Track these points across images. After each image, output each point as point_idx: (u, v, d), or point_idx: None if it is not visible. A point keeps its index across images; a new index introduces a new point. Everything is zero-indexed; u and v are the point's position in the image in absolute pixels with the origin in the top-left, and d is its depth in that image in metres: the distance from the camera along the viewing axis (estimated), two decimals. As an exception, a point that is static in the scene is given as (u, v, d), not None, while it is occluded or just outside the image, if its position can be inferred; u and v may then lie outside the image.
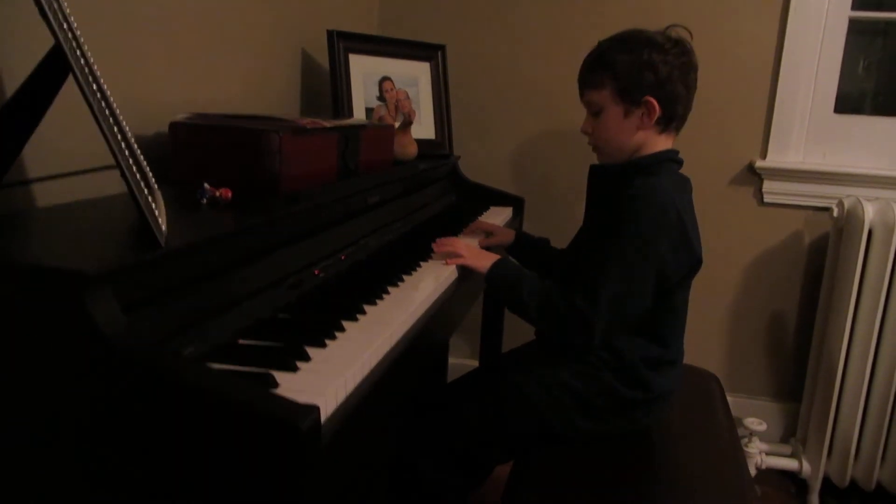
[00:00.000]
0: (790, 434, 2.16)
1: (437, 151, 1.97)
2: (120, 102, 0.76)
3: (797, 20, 1.96)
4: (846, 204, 1.89)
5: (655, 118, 1.22)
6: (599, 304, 1.13)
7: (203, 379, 0.62)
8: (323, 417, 0.69)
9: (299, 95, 1.82)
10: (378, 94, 1.85)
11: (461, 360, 2.31)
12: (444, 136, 2.01)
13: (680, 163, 1.28)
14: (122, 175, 0.69)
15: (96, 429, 0.64)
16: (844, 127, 2.03)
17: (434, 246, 1.34)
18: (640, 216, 1.15)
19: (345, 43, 1.76)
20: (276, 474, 0.61)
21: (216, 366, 0.75)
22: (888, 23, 2.07)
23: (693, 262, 1.21)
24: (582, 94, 1.30)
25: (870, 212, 1.82)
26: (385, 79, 1.87)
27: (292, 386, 0.73)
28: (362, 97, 1.81)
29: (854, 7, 1.95)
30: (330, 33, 1.74)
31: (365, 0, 2.16)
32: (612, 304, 1.14)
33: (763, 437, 2.06)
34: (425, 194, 1.74)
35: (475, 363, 2.18)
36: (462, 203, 1.95)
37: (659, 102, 1.21)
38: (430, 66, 1.99)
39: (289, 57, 1.76)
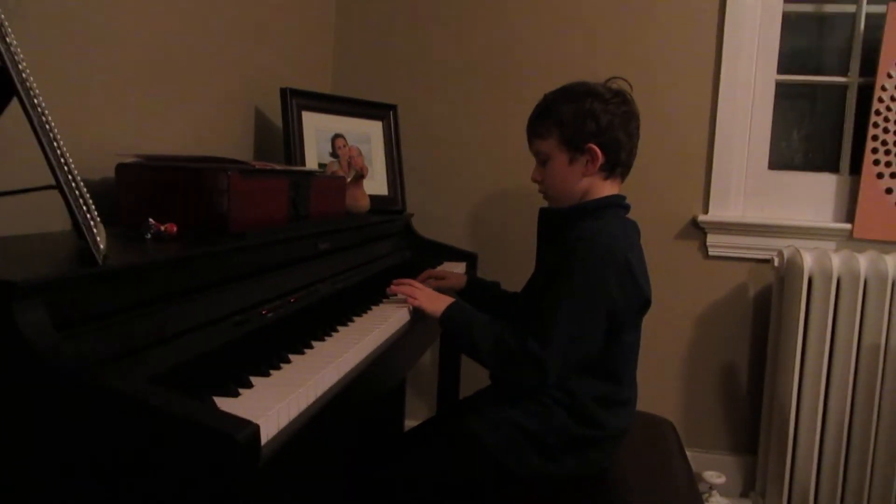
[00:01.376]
0: (750, 487, 2.15)
1: (389, 207, 1.99)
2: (67, 148, 0.76)
3: (728, 83, 2.08)
4: (786, 254, 1.96)
5: (599, 164, 1.27)
6: (551, 344, 1.14)
7: (136, 392, 0.60)
8: (263, 439, 0.66)
9: (252, 152, 1.83)
10: (331, 150, 1.88)
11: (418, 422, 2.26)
12: (396, 193, 2.04)
13: (626, 208, 1.33)
14: (60, 190, 0.68)
15: (28, 443, 0.60)
16: (779, 182, 2.13)
17: (391, 288, 1.34)
18: (586, 257, 1.17)
19: (298, 100, 1.80)
20: (213, 490, 0.58)
21: (153, 392, 0.72)
22: (815, 86, 2.21)
23: (642, 302, 1.24)
24: (530, 144, 1.34)
25: (808, 260, 1.89)
26: (337, 136, 1.90)
27: (232, 410, 0.70)
28: (315, 153, 1.83)
29: (780, 71, 2.09)
30: (283, 91, 1.77)
31: (318, 60, 2.22)
32: (563, 344, 1.14)
33: (723, 490, 2.04)
34: (379, 247, 1.75)
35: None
36: (416, 258, 1.96)
37: (601, 149, 1.26)
38: (383, 124, 2.04)
39: (242, 114, 1.78)
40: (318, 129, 1.85)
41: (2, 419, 0.61)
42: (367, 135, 1.99)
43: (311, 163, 1.81)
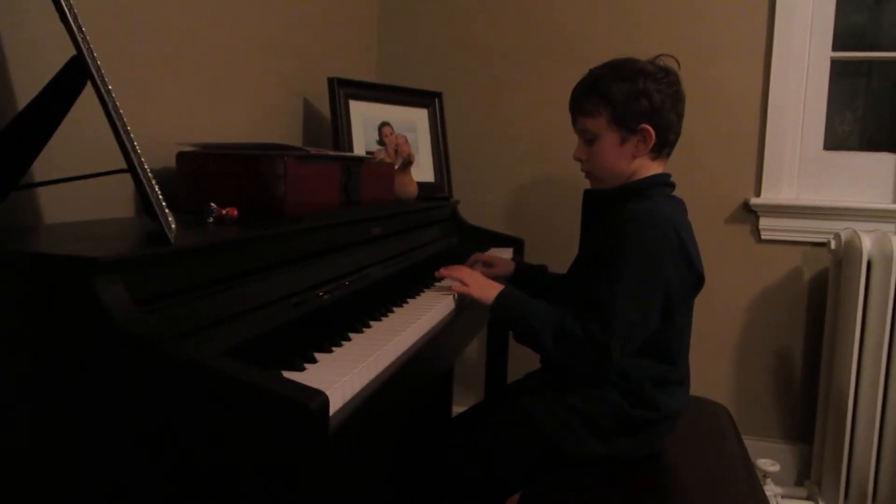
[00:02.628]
0: (804, 476, 2.11)
1: (436, 194, 2.00)
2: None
3: (780, 62, 2.03)
4: (843, 236, 1.91)
5: (651, 145, 1.25)
6: (614, 328, 1.12)
7: (216, 364, 0.62)
8: (330, 410, 0.68)
9: (302, 141, 1.86)
10: (378, 138, 1.90)
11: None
12: (443, 180, 2.05)
13: (672, 186, 1.31)
14: (133, 174, 0.70)
15: (110, 414, 0.63)
16: (835, 163, 2.07)
17: (440, 271, 1.35)
18: (640, 239, 1.15)
19: (345, 90, 1.82)
20: (285, 454, 0.60)
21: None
22: (871, 63, 2.14)
23: (696, 280, 1.22)
24: (575, 122, 1.31)
25: (867, 243, 1.84)
26: (384, 124, 1.92)
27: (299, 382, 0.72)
28: (363, 141, 1.85)
29: (835, 48, 2.03)
30: (331, 80, 1.80)
31: (363, 49, 2.24)
32: (625, 328, 1.13)
33: (777, 479, 2.00)
34: (427, 233, 1.76)
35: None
36: (462, 244, 1.97)
37: (654, 129, 1.23)
38: (428, 112, 2.05)
39: (291, 104, 1.81)
40: (364, 118, 1.87)
41: (85, 391, 0.64)
42: (412, 122, 2.00)
43: (359, 151, 1.84)
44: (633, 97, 1.22)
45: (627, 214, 1.19)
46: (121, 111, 0.74)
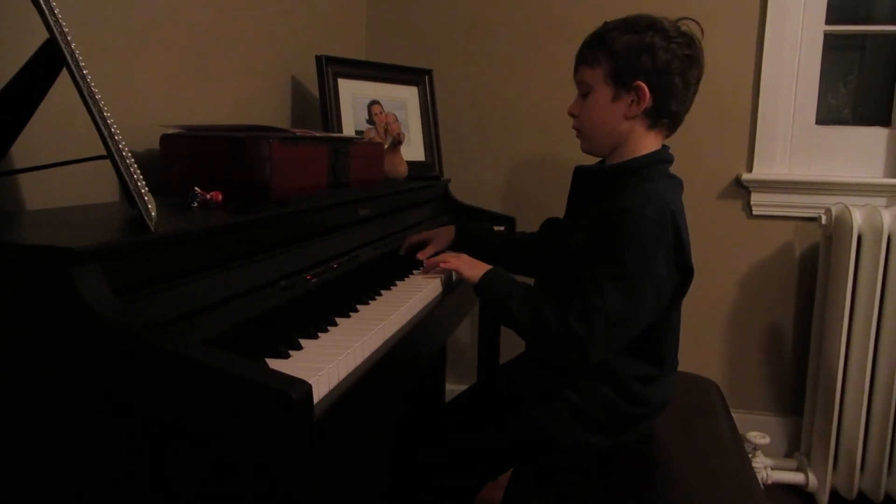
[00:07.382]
0: (794, 448, 2.13)
1: (427, 173, 1.99)
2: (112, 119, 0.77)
3: (773, 36, 2.01)
4: (834, 211, 1.91)
5: (645, 108, 1.15)
6: (596, 327, 1.05)
7: (196, 355, 0.61)
8: (315, 398, 0.68)
9: (290, 121, 1.84)
10: (367, 117, 1.88)
11: (459, 387, 2.28)
12: (433, 159, 2.04)
13: (670, 160, 1.22)
14: (112, 160, 0.69)
15: (89, 406, 0.63)
16: (827, 137, 2.06)
17: (423, 260, 1.34)
18: (636, 234, 1.07)
19: (333, 68, 1.80)
20: (267, 448, 0.60)
21: (207, 354, 0.74)
22: (865, 37, 2.12)
23: (686, 276, 1.15)
24: (576, 72, 1.23)
25: (857, 217, 1.84)
26: (374, 102, 1.90)
27: (283, 371, 0.72)
28: (352, 120, 1.83)
29: (828, 21, 2.01)
30: (319, 58, 1.77)
31: (352, 26, 2.21)
32: (609, 327, 1.06)
33: (767, 451, 2.03)
34: (418, 213, 1.75)
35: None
36: (454, 223, 1.96)
37: (651, 90, 1.14)
38: (418, 90, 2.03)
39: (279, 83, 1.79)
40: (354, 96, 1.85)
41: (63, 383, 0.64)
42: (402, 100, 1.98)
43: (348, 130, 1.82)
44: (634, 51, 1.14)
45: (625, 203, 1.10)
46: (97, 96, 0.73)
